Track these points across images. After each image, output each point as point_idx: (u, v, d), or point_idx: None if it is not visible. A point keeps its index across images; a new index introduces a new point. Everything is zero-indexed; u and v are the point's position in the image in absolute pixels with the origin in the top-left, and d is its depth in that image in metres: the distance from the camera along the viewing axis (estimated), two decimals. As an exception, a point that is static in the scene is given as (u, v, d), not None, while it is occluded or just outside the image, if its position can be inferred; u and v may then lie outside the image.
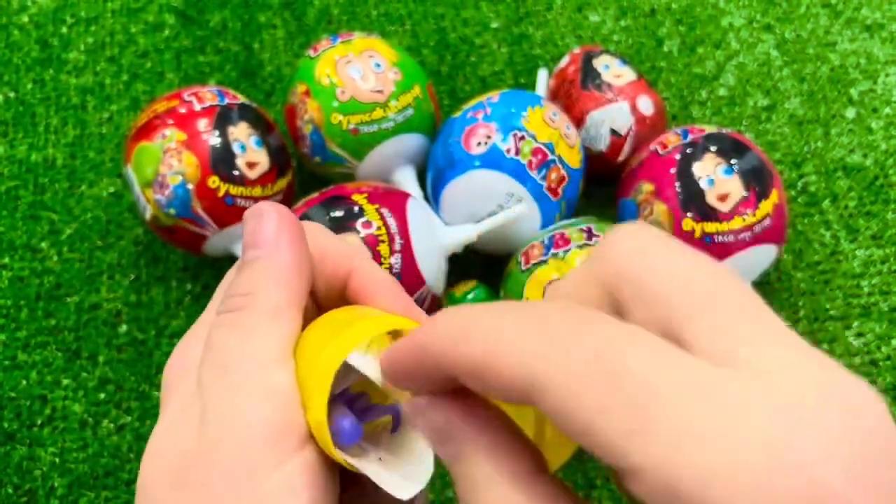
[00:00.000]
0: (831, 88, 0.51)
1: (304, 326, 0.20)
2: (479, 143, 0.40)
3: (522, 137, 0.40)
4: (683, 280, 0.14)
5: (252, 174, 0.40)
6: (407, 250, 0.37)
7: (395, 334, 0.19)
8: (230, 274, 0.21)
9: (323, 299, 0.21)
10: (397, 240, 0.37)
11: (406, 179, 0.44)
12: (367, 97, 0.41)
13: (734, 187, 0.39)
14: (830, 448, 0.11)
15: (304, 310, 0.20)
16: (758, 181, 0.39)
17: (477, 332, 0.14)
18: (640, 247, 0.15)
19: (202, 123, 0.40)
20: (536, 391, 0.13)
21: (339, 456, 0.17)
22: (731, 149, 0.40)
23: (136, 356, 0.43)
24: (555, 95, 0.47)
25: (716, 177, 0.39)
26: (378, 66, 0.42)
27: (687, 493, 0.11)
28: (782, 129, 0.50)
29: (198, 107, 0.40)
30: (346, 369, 0.18)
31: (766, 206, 0.39)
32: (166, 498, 0.17)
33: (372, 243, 0.37)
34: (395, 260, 0.37)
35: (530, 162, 0.39)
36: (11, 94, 0.51)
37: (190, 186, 0.39)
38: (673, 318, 0.13)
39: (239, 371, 0.18)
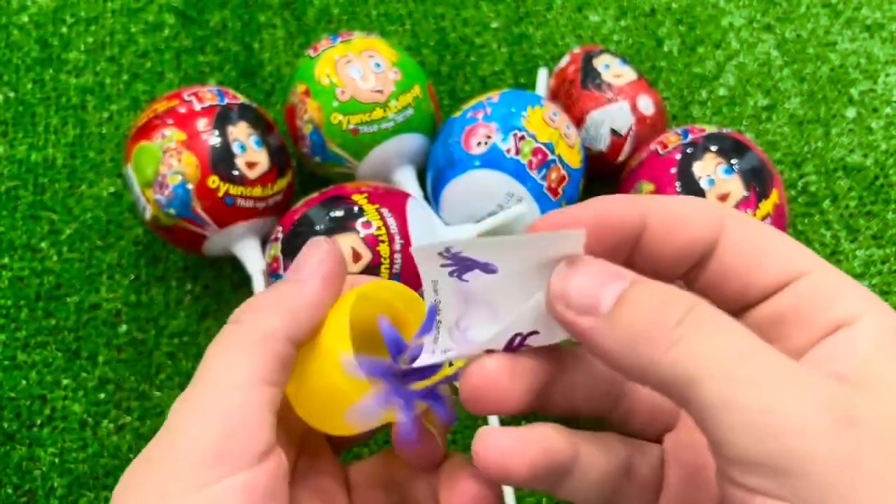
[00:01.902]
0: (831, 88, 0.51)
1: None
2: (479, 143, 0.40)
3: (522, 137, 0.40)
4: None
5: (252, 174, 0.40)
6: (407, 250, 0.37)
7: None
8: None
9: None
10: (397, 240, 0.37)
11: (406, 179, 0.44)
12: (367, 97, 0.41)
13: (734, 187, 0.39)
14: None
15: (301, 344, 0.20)
16: (758, 181, 0.39)
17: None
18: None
19: (202, 123, 0.40)
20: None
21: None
22: (731, 149, 0.40)
23: (136, 356, 0.43)
24: (555, 95, 0.47)
25: (716, 177, 0.39)
26: (378, 66, 0.42)
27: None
28: (782, 129, 0.50)
29: (198, 107, 0.40)
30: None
31: (767, 206, 0.39)
32: (123, 497, 0.19)
33: (372, 243, 0.37)
34: (396, 260, 0.37)
35: (530, 162, 0.39)
36: (11, 94, 0.51)
37: (190, 186, 0.39)
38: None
39: (204, 390, 0.19)
